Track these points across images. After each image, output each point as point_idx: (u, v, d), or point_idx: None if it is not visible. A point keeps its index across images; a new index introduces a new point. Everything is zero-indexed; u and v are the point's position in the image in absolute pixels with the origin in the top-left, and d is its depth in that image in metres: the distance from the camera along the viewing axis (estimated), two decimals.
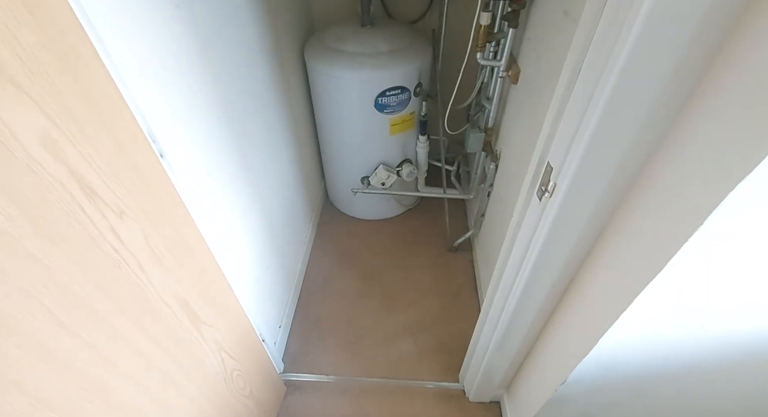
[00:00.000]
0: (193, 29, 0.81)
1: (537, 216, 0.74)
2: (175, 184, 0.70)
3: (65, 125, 0.46)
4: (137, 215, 0.59)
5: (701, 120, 0.50)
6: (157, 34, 0.70)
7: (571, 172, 0.62)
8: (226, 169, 0.99)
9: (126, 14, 0.62)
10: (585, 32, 0.55)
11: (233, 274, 0.96)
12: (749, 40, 0.43)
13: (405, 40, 1.47)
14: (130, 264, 0.59)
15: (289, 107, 1.44)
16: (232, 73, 0.99)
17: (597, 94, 0.55)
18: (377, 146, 1.64)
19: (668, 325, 0.67)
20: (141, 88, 0.65)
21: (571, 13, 0.86)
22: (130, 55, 0.63)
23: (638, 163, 0.60)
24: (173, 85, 0.75)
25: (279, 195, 1.40)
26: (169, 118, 0.74)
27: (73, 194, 0.48)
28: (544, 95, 1.01)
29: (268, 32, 1.21)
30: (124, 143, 0.57)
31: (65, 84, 0.46)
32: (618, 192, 0.64)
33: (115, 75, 0.54)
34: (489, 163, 1.44)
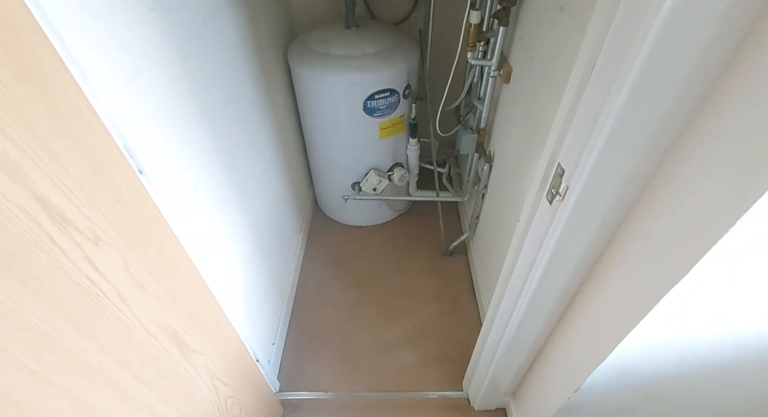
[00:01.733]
0: (170, 32, 0.75)
1: (547, 220, 0.71)
2: (157, 201, 0.64)
3: (26, 144, 0.40)
4: (115, 240, 0.53)
5: (726, 114, 0.47)
6: (130, 38, 0.63)
7: (586, 174, 0.59)
8: (212, 181, 0.93)
9: (93, 17, 0.55)
10: (598, 27, 0.52)
11: (223, 293, 0.89)
12: None
13: (391, 41, 1.43)
14: (109, 295, 0.52)
15: (274, 114, 1.38)
16: (213, 78, 0.93)
17: (614, 93, 0.51)
18: (367, 151, 1.59)
19: (687, 327, 0.65)
20: (114, 98, 0.59)
21: (568, 9, 0.83)
22: (101, 62, 0.57)
23: (657, 161, 0.57)
24: (150, 93, 0.69)
25: (268, 205, 1.34)
26: (148, 129, 0.68)
27: (39, 222, 0.42)
28: (540, 94, 0.98)
29: (249, 35, 1.15)
30: (98, 161, 0.50)
31: (24, 96, 0.39)
32: (634, 193, 0.61)
33: (84, 85, 0.48)
34: (482, 164, 1.41)
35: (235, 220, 1.06)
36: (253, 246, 1.19)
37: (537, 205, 0.73)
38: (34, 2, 0.42)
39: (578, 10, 0.79)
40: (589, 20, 0.55)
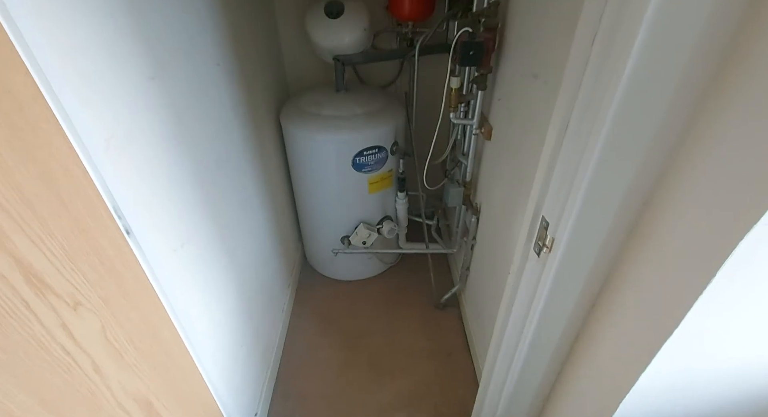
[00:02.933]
0: (168, 99, 0.78)
1: (537, 272, 0.71)
2: (142, 262, 0.62)
3: (13, 207, 0.39)
4: (96, 305, 0.51)
5: (698, 163, 0.50)
6: (129, 105, 0.66)
7: (570, 227, 0.61)
8: (200, 239, 0.92)
9: (95, 84, 0.58)
10: (569, 93, 0.56)
11: (204, 360, 0.84)
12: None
13: (379, 102, 1.52)
14: (82, 366, 0.49)
15: (264, 171, 1.41)
16: (206, 139, 0.96)
17: (588, 151, 0.55)
18: (357, 205, 1.61)
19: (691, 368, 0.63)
20: (108, 161, 0.60)
21: (541, 76, 0.91)
22: (98, 126, 0.59)
23: (636, 213, 0.59)
24: (144, 155, 0.70)
25: (256, 262, 1.31)
26: (138, 190, 0.68)
27: (15, 289, 0.40)
28: (521, 150, 1.04)
29: (243, 99, 1.21)
30: (85, 223, 0.50)
31: (17, 161, 0.40)
32: (619, 242, 0.63)
33: (80, 148, 0.49)
34: (470, 216, 1.44)
35: (221, 280, 1.03)
36: (239, 306, 1.15)
37: (526, 257, 0.74)
38: (38, 74, 0.45)
39: (550, 77, 0.87)
40: (560, 86, 0.60)
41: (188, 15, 0.89)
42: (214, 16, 1.02)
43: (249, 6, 1.30)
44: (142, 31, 0.71)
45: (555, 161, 0.60)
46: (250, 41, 1.29)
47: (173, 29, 0.82)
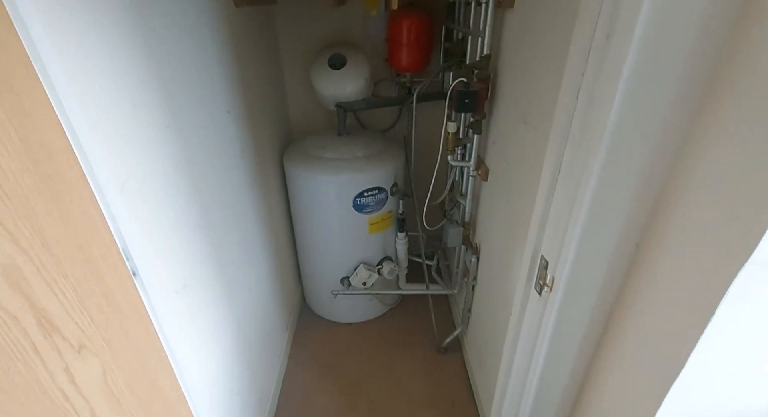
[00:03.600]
0: (181, 145, 0.83)
1: (539, 312, 0.71)
2: (146, 304, 0.63)
3: (34, 251, 0.41)
4: (99, 348, 0.51)
5: (685, 203, 0.53)
6: (144, 152, 0.70)
7: (569, 265, 0.62)
8: (202, 280, 0.92)
9: (117, 134, 0.62)
10: (558, 138, 0.61)
11: (200, 408, 0.81)
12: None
13: (379, 146, 1.59)
14: (80, 412, 0.48)
15: (267, 212, 1.44)
16: (214, 183, 0.99)
17: (580, 193, 0.58)
18: (357, 246, 1.62)
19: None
20: (122, 205, 0.62)
21: (531, 122, 0.97)
22: (116, 171, 0.62)
23: (630, 253, 0.61)
24: (156, 198, 0.73)
25: (255, 304, 1.30)
26: (147, 232, 0.70)
27: (26, 331, 0.41)
28: (516, 190, 1.07)
29: (250, 144, 1.26)
30: (97, 264, 0.51)
31: (43, 207, 0.42)
32: (618, 280, 0.64)
33: (97, 193, 0.52)
34: (470, 256, 1.45)
35: (221, 322, 1.02)
36: (237, 351, 1.12)
37: (527, 297, 0.74)
38: (68, 125, 0.48)
39: (538, 123, 0.92)
40: (549, 132, 0.64)
41: (205, 68, 0.96)
42: (227, 69, 1.09)
43: (258, 58, 1.40)
44: (163, 83, 0.76)
45: (550, 203, 0.63)
46: (258, 90, 1.37)
47: (191, 81, 0.88)
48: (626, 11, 0.46)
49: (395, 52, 1.53)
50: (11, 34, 0.41)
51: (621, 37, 0.47)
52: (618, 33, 0.47)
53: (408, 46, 1.50)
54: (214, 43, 1.02)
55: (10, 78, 0.40)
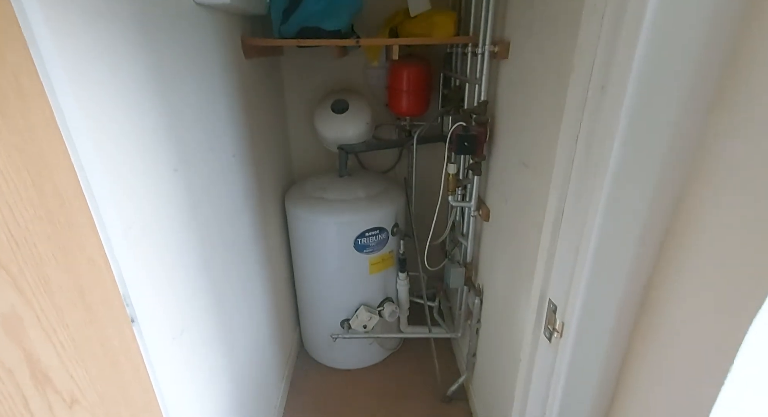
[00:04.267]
0: (187, 188, 0.84)
1: (550, 359, 0.69)
2: (143, 353, 0.60)
3: (36, 299, 0.40)
4: (92, 402, 0.48)
5: (690, 245, 0.53)
6: (152, 195, 0.71)
7: (578, 310, 0.61)
8: (200, 325, 0.89)
9: (126, 177, 0.63)
10: (560, 182, 0.62)
11: None
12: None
13: (380, 186, 1.61)
14: None
15: (267, 254, 1.43)
16: (216, 225, 1.00)
17: (585, 236, 0.58)
18: (358, 286, 1.60)
19: None
20: (126, 250, 0.62)
21: (530, 165, 0.99)
22: (123, 216, 0.62)
23: (640, 295, 0.60)
24: (159, 241, 0.73)
25: (252, 348, 1.25)
26: (148, 277, 0.69)
27: (19, 385, 0.39)
28: (519, 231, 1.08)
29: (253, 186, 1.28)
30: (97, 312, 0.50)
31: (50, 254, 0.42)
32: (630, 323, 0.62)
33: (104, 238, 0.52)
34: (473, 298, 1.42)
35: (216, 370, 0.98)
36: (231, 400, 1.07)
37: (536, 343, 0.72)
38: (81, 172, 0.49)
39: (537, 165, 0.95)
40: (550, 175, 0.66)
41: (214, 114, 1.00)
42: (235, 115, 1.14)
43: (264, 104, 1.46)
44: (174, 129, 0.79)
45: (555, 246, 0.63)
46: (263, 134, 1.41)
47: (200, 127, 0.91)
48: (619, 65, 0.49)
49: (396, 98, 1.60)
50: (40, 91, 0.43)
51: (615, 89, 0.49)
52: (612, 85, 0.50)
53: (408, 93, 1.57)
54: (223, 91, 1.06)
55: (34, 131, 0.41)
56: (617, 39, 0.48)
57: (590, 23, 0.53)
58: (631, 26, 0.46)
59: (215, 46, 1.02)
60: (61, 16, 0.48)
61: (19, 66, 0.40)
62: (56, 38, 0.46)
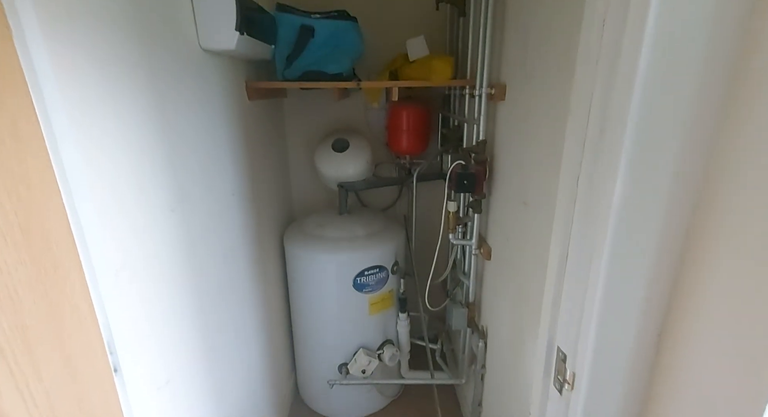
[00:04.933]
0: (184, 229, 0.82)
1: (561, 413, 0.64)
2: (123, 406, 0.56)
3: (11, 350, 0.38)
4: None
5: (699, 290, 0.50)
6: (146, 237, 0.69)
7: (589, 359, 0.57)
8: (187, 374, 0.84)
9: (119, 219, 0.62)
10: (562, 222, 0.60)
11: None
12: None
13: (380, 224, 1.60)
14: None
15: (263, 295, 1.38)
16: (212, 266, 0.97)
17: (592, 279, 0.56)
18: (356, 328, 1.54)
19: None
20: (114, 294, 0.60)
21: (530, 203, 0.99)
22: (113, 257, 0.60)
23: (654, 344, 0.57)
24: (150, 285, 0.70)
25: (243, 397, 1.18)
26: (136, 323, 0.66)
27: None
28: (522, 271, 1.05)
29: (252, 224, 1.27)
30: (76, 362, 0.47)
31: (31, 300, 0.40)
32: (645, 376, 0.58)
33: (91, 283, 0.50)
34: (476, 340, 1.36)
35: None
36: None
37: (546, 395, 0.67)
38: (74, 216, 0.48)
39: (538, 204, 0.94)
40: (551, 214, 0.64)
41: (215, 153, 1.01)
42: (236, 154, 1.15)
43: (266, 143, 1.48)
44: (174, 168, 0.79)
45: (560, 291, 0.61)
46: (263, 172, 1.42)
47: (200, 166, 0.91)
48: (616, 109, 0.49)
49: (395, 138, 1.63)
50: (37, 135, 0.43)
51: (614, 132, 0.49)
52: (611, 129, 0.50)
53: (407, 132, 1.60)
54: (226, 131, 1.08)
55: (27, 175, 0.40)
56: (613, 84, 0.49)
57: (585, 69, 0.54)
58: (625, 72, 0.47)
59: (219, 89, 1.05)
60: (69, 64, 0.49)
61: (19, 110, 0.40)
62: (61, 84, 0.47)
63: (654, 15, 0.45)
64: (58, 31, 0.47)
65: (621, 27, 0.49)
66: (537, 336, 0.70)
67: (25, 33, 0.41)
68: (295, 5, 1.29)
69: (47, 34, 0.44)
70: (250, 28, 1.00)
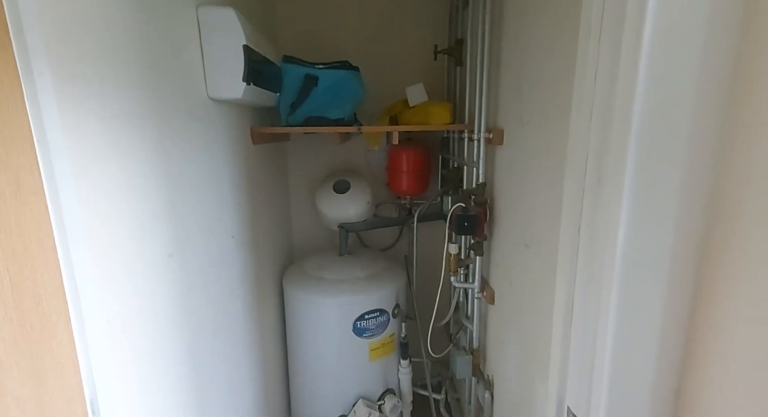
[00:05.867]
0: (181, 274, 0.81)
1: None
2: None
3: None
4: None
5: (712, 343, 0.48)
6: (141, 284, 0.68)
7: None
8: None
9: (115, 268, 0.61)
10: (565, 276, 0.59)
11: None
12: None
13: (380, 265, 1.58)
14: None
15: (261, 340, 1.34)
16: (209, 310, 0.95)
17: (601, 331, 0.54)
18: (356, 375, 1.47)
19: None
20: (103, 346, 0.57)
21: (532, 246, 0.97)
22: (107, 309, 0.58)
23: (671, 404, 0.53)
24: (141, 335, 0.68)
25: None
26: (123, 377, 0.63)
27: None
28: (527, 317, 1.01)
29: (251, 267, 1.25)
30: None
31: (13, 361, 0.38)
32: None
33: (79, 338, 0.48)
34: (482, 390, 1.29)
35: None
36: None
37: None
38: (68, 265, 0.47)
39: (540, 248, 0.93)
40: (554, 257, 0.63)
41: (217, 197, 1.01)
42: (238, 197, 1.16)
43: (268, 186, 1.50)
44: (175, 213, 0.79)
45: (568, 347, 0.58)
46: (264, 214, 1.43)
47: (201, 210, 0.92)
48: (613, 159, 0.50)
49: (396, 179, 1.65)
50: (38, 189, 0.43)
51: (612, 183, 0.49)
52: (608, 179, 0.50)
53: (408, 174, 1.62)
54: (229, 175, 1.09)
55: (24, 229, 0.40)
56: (608, 136, 0.50)
57: (579, 122, 0.55)
58: (620, 126, 0.48)
59: (224, 134, 1.07)
60: (78, 120, 0.51)
61: (23, 167, 0.41)
62: (69, 141, 0.48)
63: (645, 66, 0.46)
64: (72, 91, 0.49)
65: (613, 81, 0.50)
66: (546, 392, 0.66)
67: (38, 95, 0.43)
68: (301, 56, 1.36)
69: (60, 94, 0.46)
70: (257, 78, 1.05)
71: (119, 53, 0.62)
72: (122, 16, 0.63)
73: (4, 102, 0.38)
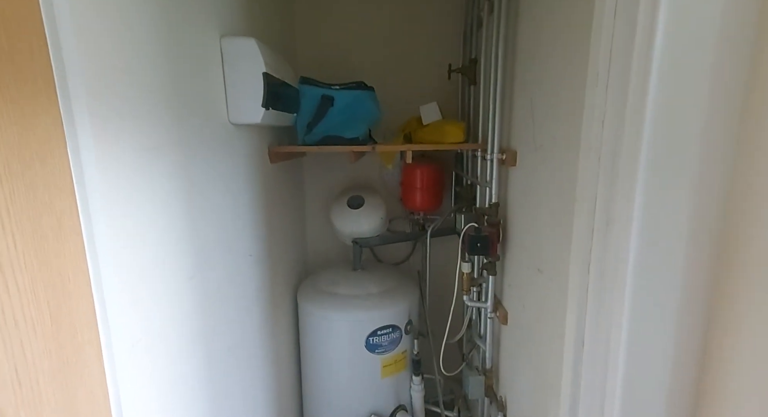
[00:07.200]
0: (201, 296, 0.85)
1: None
2: None
3: None
4: None
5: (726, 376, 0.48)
6: (164, 307, 0.71)
7: None
8: None
9: (139, 292, 0.64)
10: (576, 309, 0.60)
11: None
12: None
13: (393, 281, 1.59)
14: None
15: (275, 356, 1.37)
16: (225, 328, 0.98)
17: (611, 368, 0.54)
18: (368, 392, 1.48)
19: None
20: (128, 370, 0.60)
21: (545, 272, 0.97)
22: (132, 334, 0.62)
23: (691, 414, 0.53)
24: (163, 356, 0.71)
25: None
26: (146, 397, 0.66)
27: None
28: (539, 340, 1.01)
29: (267, 284, 1.28)
30: None
31: (50, 392, 0.41)
32: None
33: (109, 366, 0.51)
34: (495, 412, 1.28)
35: None
36: None
37: None
38: (101, 299, 0.51)
39: (553, 274, 0.92)
40: (566, 285, 0.63)
41: (236, 216, 1.05)
42: (256, 215, 1.19)
43: (285, 203, 1.54)
44: (197, 235, 0.82)
45: (579, 381, 0.58)
46: (281, 231, 1.46)
47: (220, 230, 0.95)
48: (621, 201, 0.51)
49: (409, 195, 1.67)
50: (77, 231, 0.47)
51: (621, 226, 0.50)
52: (617, 222, 0.51)
53: (421, 190, 1.64)
54: (247, 194, 1.13)
55: (63, 268, 0.44)
56: (615, 180, 0.50)
57: (587, 164, 0.56)
58: (627, 170, 0.49)
59: (243, 156, 1.12)
60: (112, 159, 0.54)
61: (64, 211, 0.44)
62: (105, 182, 0.51)
63: (651, 113, 0.47)
64: (108, 134, 0.53)
65: (620, 124, 0.51)
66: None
67: (78, 140, 0.46)
68: (318, 76, 1.40)
69: (98, 136, 0.50)
70: (275, 102, 1.09)
71: (153, 90, 0.66)
72: (154, 52, 0.67)
73: (50, 154, 0.42)
